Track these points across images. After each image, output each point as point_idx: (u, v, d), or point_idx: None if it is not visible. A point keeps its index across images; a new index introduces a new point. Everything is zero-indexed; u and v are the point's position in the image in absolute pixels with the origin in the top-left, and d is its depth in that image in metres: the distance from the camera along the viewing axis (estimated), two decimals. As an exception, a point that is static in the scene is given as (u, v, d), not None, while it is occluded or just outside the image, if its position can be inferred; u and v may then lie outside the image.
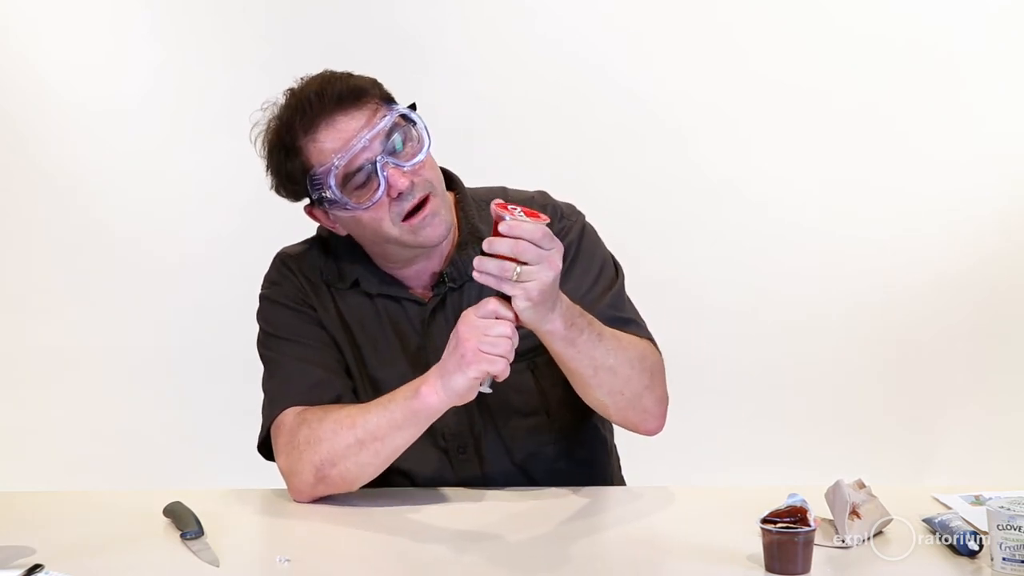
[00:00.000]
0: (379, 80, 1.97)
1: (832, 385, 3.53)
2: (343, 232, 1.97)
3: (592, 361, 1.82)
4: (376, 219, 1.89)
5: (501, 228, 1.65)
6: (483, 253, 1.69)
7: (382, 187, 1.86)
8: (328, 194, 1.88)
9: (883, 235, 3.49)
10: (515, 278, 1.66)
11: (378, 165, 1.86)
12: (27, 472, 3.30)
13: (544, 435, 2.01)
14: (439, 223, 1.91)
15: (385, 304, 1.99)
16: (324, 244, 2.05)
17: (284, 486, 2.00)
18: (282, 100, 1.96)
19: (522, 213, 1.69)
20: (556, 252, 1.68)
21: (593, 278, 1.98)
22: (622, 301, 1.99)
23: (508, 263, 1.66)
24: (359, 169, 1.87)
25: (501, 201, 1.71)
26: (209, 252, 3.49)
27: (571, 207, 2.06)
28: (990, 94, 3.45)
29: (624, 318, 1.95)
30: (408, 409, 1.80)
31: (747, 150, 3.49)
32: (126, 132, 3.45)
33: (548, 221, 1.70)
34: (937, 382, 3.54)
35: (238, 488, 2.00)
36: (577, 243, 2.00)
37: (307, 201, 1.96)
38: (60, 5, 3.42)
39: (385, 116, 1.89)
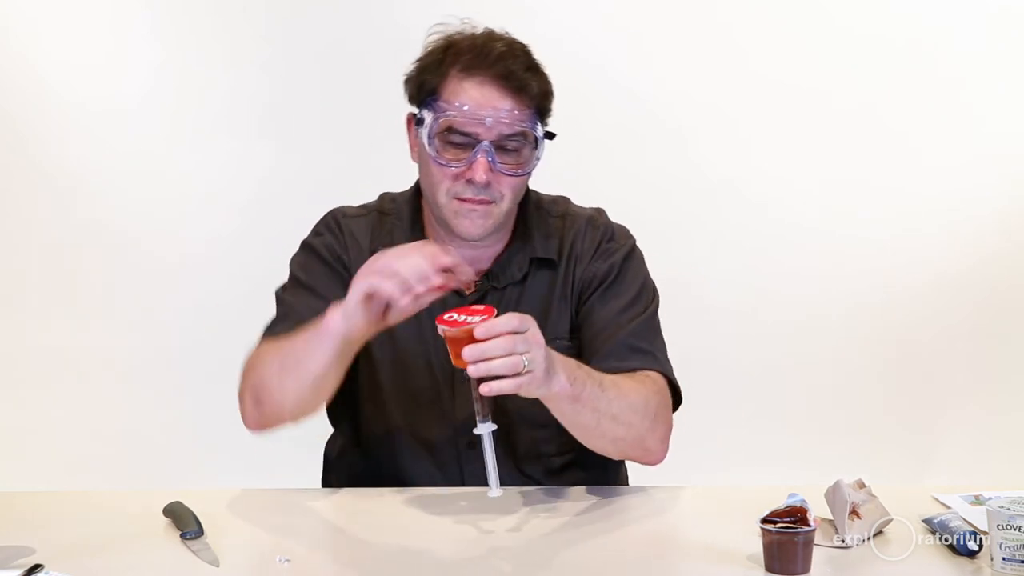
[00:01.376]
0: (552, 93, 1.97)
1: (832, 385, 3.53)
2: (415, 158, 2.00)
3: (595, 412, 1.82)
4: (438, 176, 1.92)
5: (478, 333, 1.62)
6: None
7: (463, 162, 1.89)
8: (428, 124, 1.90)
9: (883, 235, 3.49)
10: (525, 369, 1.64)
11: (479, 146, 1.88)
12: (27, 472, 3.29)
13: (552, 446, 2.02)
14: (480, 225, 1.93)
15: None
16: (383, 215, 2.07)
17: (284, 486, 2.01)
18: (477, 31, 1.97)
19: (456, 315, 1.67)
20: (533, 326, 1.67)
21: (624, 305, 1.99)
22: (646, 330, 2.00)
23: (515, 359, 1.62)
24: (465, 134, 1.89)
25: (439, 317, 1.68)
26: (209, 252, 3.49)
27: (624, 230, 2.09)
28: (990, 94, 3.45)
29: (641, 349, 1.96)
30: (314, 329, 1.79)
31: (747, 150, 3.49)
32: (126, 132, 3.45)
33: (490, 314, 1.66)
34: (937, 382, 3.54)
35: (238, 488, 2.00)
36: (620, 266, 2.03)
37: (414, 111, 1.97)
38: (60, 5, 3.42)
39: (523, 121, 1.90)
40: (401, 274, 1.68)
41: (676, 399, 2.01)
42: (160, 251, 3.48)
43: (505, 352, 1.62)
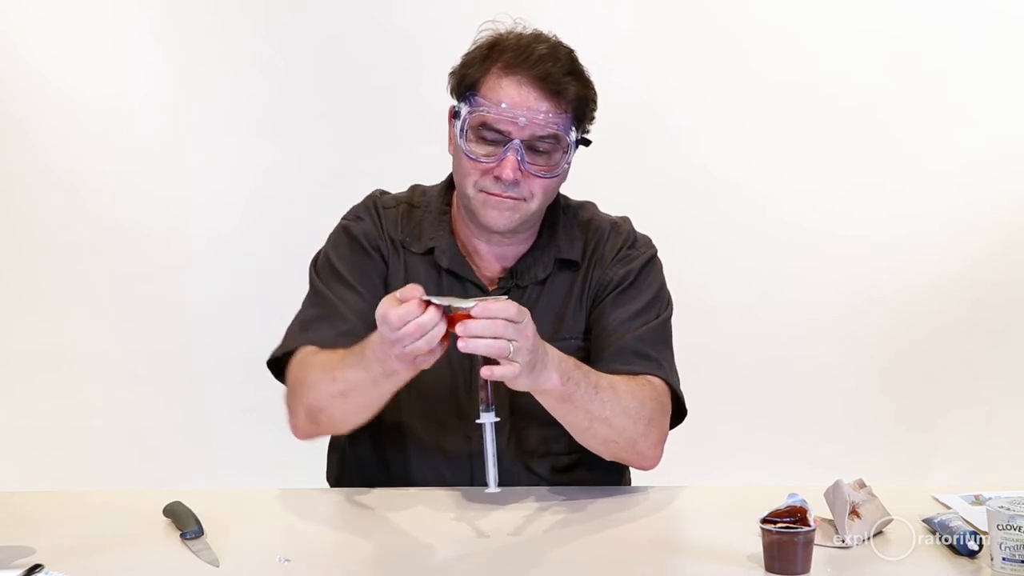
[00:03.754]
0: (593, 99, 1.99)
1: (832, 385, 3.53)
2: (451, 150, 2.01)
3: (588, 414, 1.84)
4: (467, 170, 1.94)
5: (475, 311, 1.65)
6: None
7: (493, 159, 1.90)
8: (463, 117, 1.92)
9: (883, 235, 3.49)
10: (511, 356, 1.66)
11: (510, 144, 1.90)
12: (27, 472, 3.30)
13: (561, 445, 2.02)
14: (507, 218, 1.94)
15: (450, 282, 2.02)
16: (412, 207, 2.08)
17: (284, 486, 2.01)
18: (526, 31, 1.97)
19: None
20: (527, 320, 1.69)
21: (636, 311, 2.01)
22: (655, 338, 2.01)
23: (501, 343, 1.65)
24: (497, 131, 1.91)
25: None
26: (209, 252, 3.49)
27: (646, 239, 2.11)
28: (990, 94, 3.45)
29: (647, 354, 1.97)
30: (383, 370, 1.77)
31: (748, 150, 3.48)
32: (127, 132, 3.45)
33: (506, 297, 1.71)
34: (937, 382, 3.54)
35: (238, 488, 2.00)
36: (636, 273, 2.04)
37: (454, 103, 1.99)
38: (62, 6, 3.42)
39: (556, 125, 1.91)
40: (429, 344, 1.67)
41: (681, 412, 2.01)
42: (160, 251, 3.48)
43: (492, 334, 1.65)
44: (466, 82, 1.95)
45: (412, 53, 3.42)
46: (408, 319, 1.65)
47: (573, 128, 1.94)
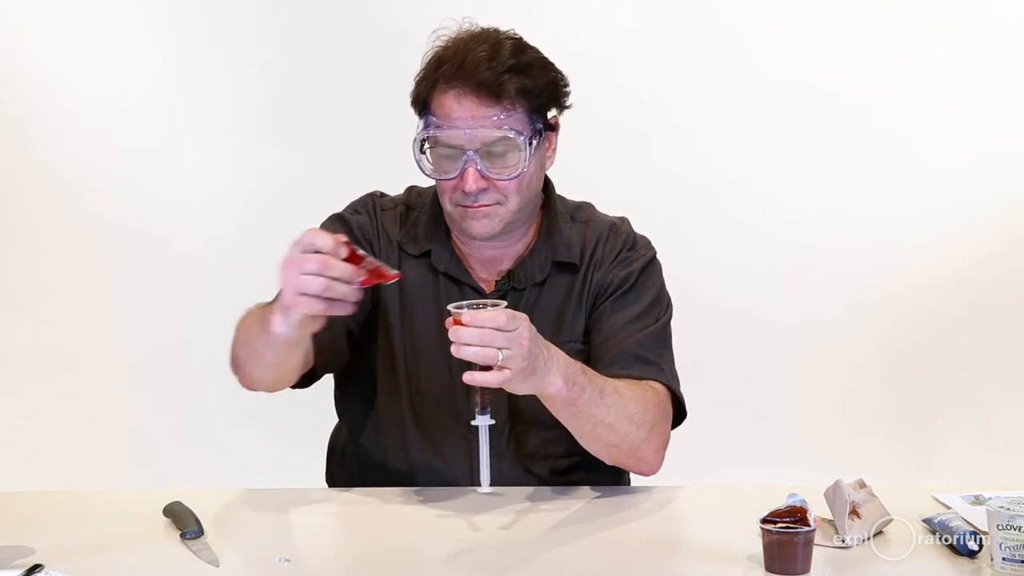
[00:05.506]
0: (549, 84, 1.96)
1: (832, 385, 3.53)
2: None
3: (592, 418, 1.84)
4: (440, 188, 1.97)
5: (463, 320, 1.66)
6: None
7: (455, 175, 1.91)
8: (417, 137, 1.94)
9: (882, 235, 3.48)
10: (499, 364, 1.66)
11: (465, 157, 1.90)
12: (27, 472, 3.30)
13: (560, 447, 2.02)
14: (486, 226, 1.94)
15: (447, 284, 2.02)
16: (409, 209, 2.08)
17: (284, 486, 2.01)
18: (465, 34, 1.97)
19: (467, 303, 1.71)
20: (522, 327, 1.68)
21: (636, 314, 2.00)
22: (654, 342, 2.00)
23: (489, 351, 1.65)
24: (451, 146, 1.91)
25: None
26: (210, 252, 3.49)
27: (645, 241, 2.10)
28: (990, 94, 3.45)
29: (647, 359, 1.97)
30: (262, 324, 1.80)
31: (748, 150, 3.48)
32: (127, 132, 3.45)
33: (504, 304, 1.71)
34: (937, 382, 3.53)
35: (238, 488, 2.00)
36: (636, 276, 2.03)
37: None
38: (62, 6, 3.42)
39: (503, 126, 1.90)
40: (326, 293, 1.66)
41: (680, 414, 2.01)
42: (160, 251, 3.48)
43: (479, 342, 1.65)
44: (419, 101, 1.96)
45: (412, 53, 3.39)
46: (321, 246, 1.65)
47: (529, 122, 1.92)
